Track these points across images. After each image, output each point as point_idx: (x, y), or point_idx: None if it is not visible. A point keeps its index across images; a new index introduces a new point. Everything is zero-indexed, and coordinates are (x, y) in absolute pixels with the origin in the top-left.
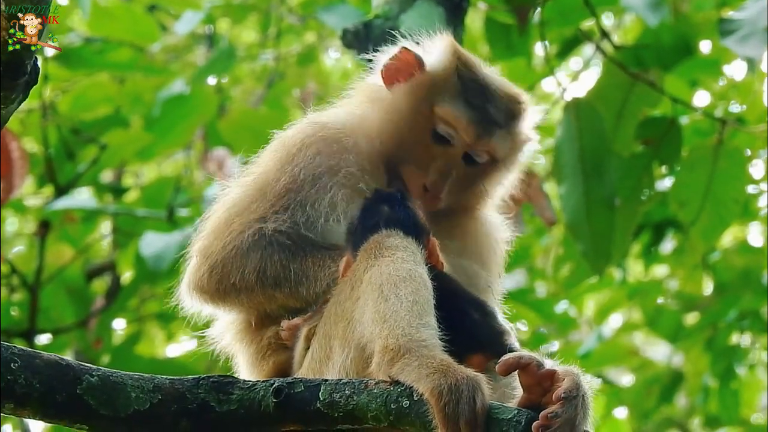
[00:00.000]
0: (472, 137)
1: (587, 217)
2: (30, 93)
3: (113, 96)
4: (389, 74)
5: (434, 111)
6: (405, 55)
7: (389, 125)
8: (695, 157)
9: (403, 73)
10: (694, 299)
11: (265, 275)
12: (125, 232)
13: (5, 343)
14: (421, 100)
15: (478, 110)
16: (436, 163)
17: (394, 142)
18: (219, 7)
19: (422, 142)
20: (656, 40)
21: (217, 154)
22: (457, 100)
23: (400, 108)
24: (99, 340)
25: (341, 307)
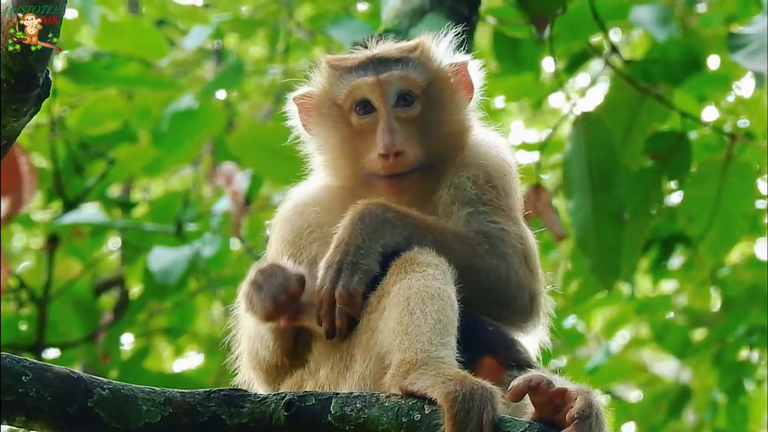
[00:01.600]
0: (372, 77)
1: (596, 231)
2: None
3: (121, 111)
4: (304, 123)
5: (339, 103)
6: (299, 101)
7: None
8: (704, 172)
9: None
10: (702, 315)
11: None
12: (133, 247)
13: (17, 357)
14: (328, 108)
15: (361, 65)
16: (374, 132)
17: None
18: (227, 22)
19: (353, 134)
20: (665, 55)
21: (226, 169)
22: (343, 77)
23: (323, 133)
24: (107, 354)
25: (368, 318)
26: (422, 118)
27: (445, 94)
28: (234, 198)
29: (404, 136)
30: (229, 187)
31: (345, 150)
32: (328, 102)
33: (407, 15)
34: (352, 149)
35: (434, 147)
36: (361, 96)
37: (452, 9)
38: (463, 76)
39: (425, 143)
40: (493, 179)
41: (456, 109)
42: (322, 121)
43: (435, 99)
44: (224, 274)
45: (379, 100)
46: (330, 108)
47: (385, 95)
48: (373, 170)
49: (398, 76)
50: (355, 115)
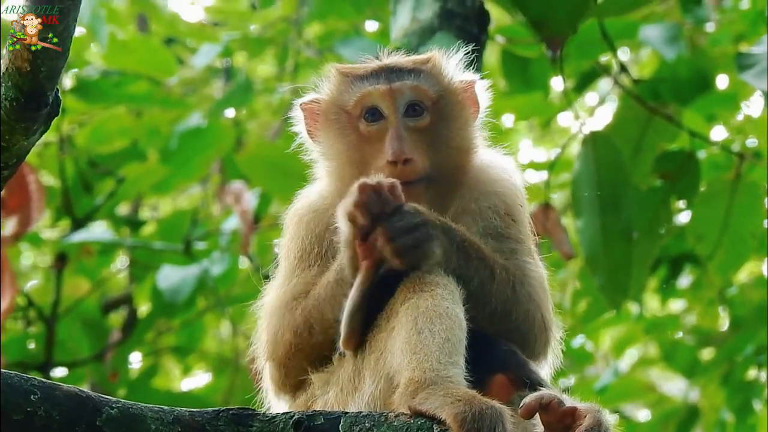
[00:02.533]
0: (384, 86)
1: (604, 250)
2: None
3: (130, 129)
4: (310, 131)
5: (348, 110)
6: (305, 107)
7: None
8: (713, 191)
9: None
10: (711, 334)
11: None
12: (142, 265)
13: (25, 375)
14: (337, 114)
15: (373, 73)
16: (383, 140)
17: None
18: (236, 40)
19: (362, 141)
20: (673, 74)
21: (234, 187)
22: (352, 84)
23: (330, 140)
24: (115, 373)
25: (376, 338)
26: (430, 130)
27: (455, 109)
28: (243, 216)
29: (412, 145)
30: (238, 205)
31: (352, 157)
32: (337, 108)
33: (416, 34)
34: (359, 156)
35: (441, 160)
36: (371, 103)
37: (461, 28)
38: (471, 94)
39: (432, 155)
40: (512, 210)
41: (464, 126)
42: (330, 128)
43: (444, 113)
44: (233, 293)
45: (390, 108)
46: (338, 114)
47: (396, 104)
48: (376, 171)
49: (410, 85)
50: (363, 122)
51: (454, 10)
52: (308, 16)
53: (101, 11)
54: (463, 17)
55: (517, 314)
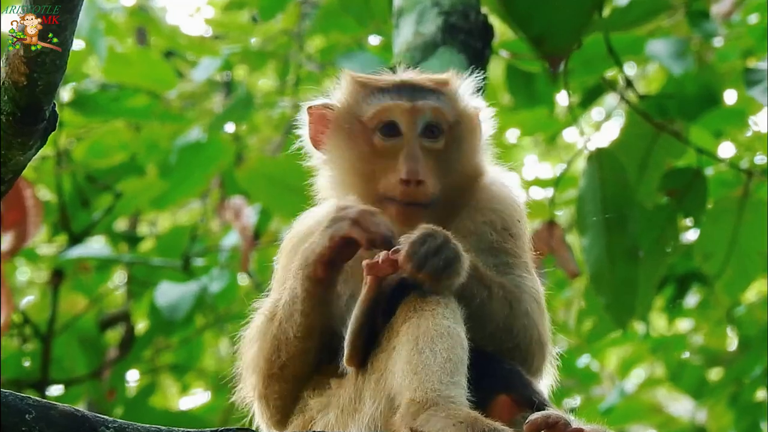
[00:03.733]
0: (407, 103)
1: (610, 269)
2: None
3: (129, 143)
4: (315, 138)
5: (363, 120)
6: (315, 111)
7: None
8: (720, 209)
9: (322, 127)
10: (719, 354)
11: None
12: (140, 282)
13: (20, 394)
14: (350, 123)
15: (395, 87)
16: (397, 157)
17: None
18: (237, 53)
19: (375, 154)
20: (680, 89)
21: (234, 203)
22: (371, 97)
23: (340, 149)
24: (112, 391)
25: (376, 358)
26: (444, 154)
27: (468, 135)
28: (242, 233)
29: (426, 167)
30: (238, 221)
31: (361, 169)
32: (351, 117)
33: (419, 48)
34: (368, 169)
35: (450, 185)
36: (390, 118)
37: (465, 43)
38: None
39: (443, 179)
40: (510, 226)
41: (475, 151)
42: (340, 136)
43: (458, 137)
44: (232, 311)
45: (409, 126)
46: (352, 123)
47: (416, 123)
48: (389, 194)
49: (432, 106)
50: (378, 135)
51: (457, 24)
52: (310, 29)
53: (100, 24)
54: (467, 32)
55: (517, 331)
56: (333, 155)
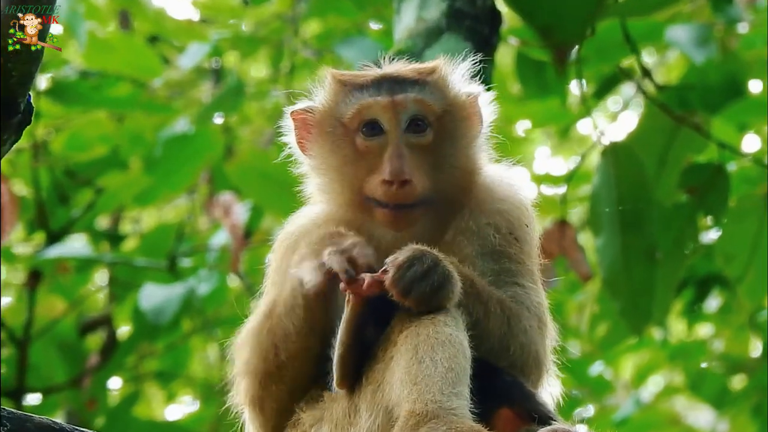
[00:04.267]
0: (385, 98)
1: (626, 271)
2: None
3: (111, 135)
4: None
5: (344, 122)
6: (297, 116)
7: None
8: (743, 208)
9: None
10: (741, 361)
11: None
12: (123, 283)
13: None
14: (332, 125)
15: (374, 83)
16: (381, 157)
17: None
18: (227, 39)
19: (358, 156)
20: (702, 79)
21: (224, 199)
22: (352, 94)
23: (323, 153)
24: (93, 400)
25: (372, 370)
26: (433, 148)
27: (460, 126)
28: (232, 231)
29: (412, 165)
30: (227, 219)
31: (345, 172)
32: (332, 120)
33: (422, 35)
34: (353, 172)
35: (442, 182)
36: (370, 116)
37: (471, 29)
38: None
39: (434, 176)
40: (515, 229)
41: (469, 144)
42: (323, 140)
43: (448, 129)
44: (221, 314)
45: (391, 122)
46: (334, 126)
47: (398, 118)
48: (373, 196)
49: (413, 99)
50: (361, 135)
51: (463, 9)
52: (306, 13)
53: (80, 7)
54: (473, 17)
55: (513, 350)
56: (317, 160)
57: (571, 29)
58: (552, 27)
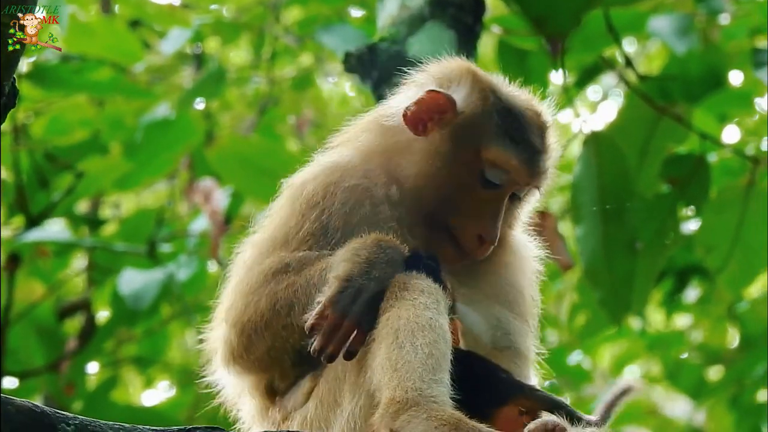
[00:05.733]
0: (526, 177)
1: (606, 261)
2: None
3: (91, 119)
4: (414, 118)
5: (481, 155)
6: (434, 97)
7: (428, 175)
8: (724, 199)
9: (431, 116)
10: (719, 352)
11: (277, 301)
12: (102, 268)
13: None
14: (465, 144)
15: (523, 145)
16: (487, 208)
17: (435, 193)
18: (208, 25)
19: (468, 189)
20: (684, 70)
21: (204, 185)
22: (503, 139)
23: (441, 155)
24: (71, 385)
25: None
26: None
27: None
28: (212, 217)
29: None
30: (208, 204)
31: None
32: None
33: (405, 23)
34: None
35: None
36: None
37: (455, 17)
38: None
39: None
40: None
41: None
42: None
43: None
44: (200, 300)
45: (512, 189)
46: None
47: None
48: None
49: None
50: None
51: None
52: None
53: None
54: (457, 6)
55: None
56: (429, 155)
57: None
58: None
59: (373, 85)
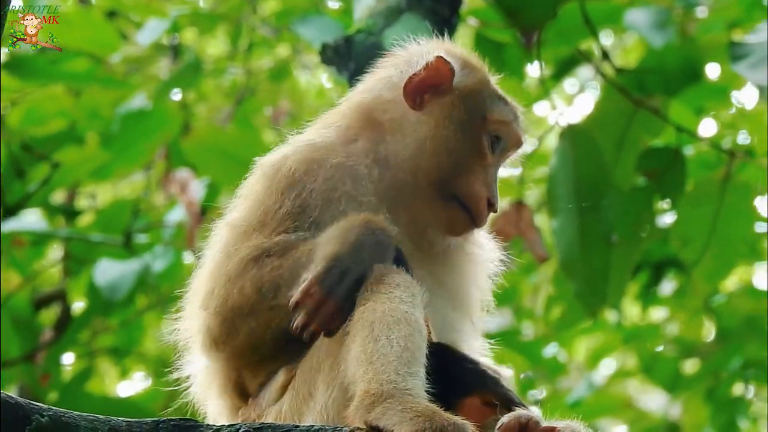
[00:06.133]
0: (519, 136)
1: (582, 254)
2: None
3: (68, 110)
4: (417, 88)
5: (487, 119)
6: (441, 64)
7: (435, 146)
8: (700, 192)
9: (432, 86)
10: (695, 345)
11: (263, 284)
12: (78, 259)
13: None
14: (473, 111)
15: (511, 107)
16: (487, 174)
17: (443, 162)
18: (185, 15)
19: (476, 155)
20: (660, 63)
21: (180, 176)
22: (501, 103)
23: (450, 124)
24: (46, 375)
25: (331, 342)
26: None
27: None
28: (188, 208)
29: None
30: (184, 195)
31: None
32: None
33: (382, 14)
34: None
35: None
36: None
37: (431, 9)
38: None
39: None
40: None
41: None
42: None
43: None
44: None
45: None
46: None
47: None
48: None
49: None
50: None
51: None
52: None
53: None
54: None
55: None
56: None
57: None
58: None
59: (350, 76)
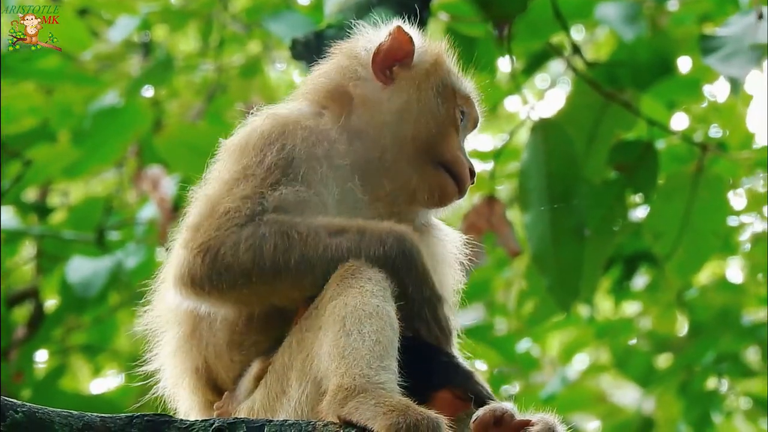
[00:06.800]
0: (479, 115)
1: (554, 248)
2: None
3: (40, 107)
4: (384, 60)
5: (455, 93)
6: (400, 34)
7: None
8: (672, 186)
9: (397, 59)
10: (668, 340)
11: (262, 257)
12: (50, 256)
13: None
14: (443, 84)
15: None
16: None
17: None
18: (156, 12)
19: (452, 126)
20: (632, 56)
21: (152, 173)
22: (464, 78)
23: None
24: (19, 373)
25: (303, 337)
26: None
27: None
28: (161, 204)
29: None
30: (156, 192)
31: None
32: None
33: (352, 9)
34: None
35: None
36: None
37: (402, 3)
38: None
39: None
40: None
41: None
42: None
43: None
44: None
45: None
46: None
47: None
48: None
49: None
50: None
51: None
52: None
53: None
54: None
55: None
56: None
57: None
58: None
59: None
